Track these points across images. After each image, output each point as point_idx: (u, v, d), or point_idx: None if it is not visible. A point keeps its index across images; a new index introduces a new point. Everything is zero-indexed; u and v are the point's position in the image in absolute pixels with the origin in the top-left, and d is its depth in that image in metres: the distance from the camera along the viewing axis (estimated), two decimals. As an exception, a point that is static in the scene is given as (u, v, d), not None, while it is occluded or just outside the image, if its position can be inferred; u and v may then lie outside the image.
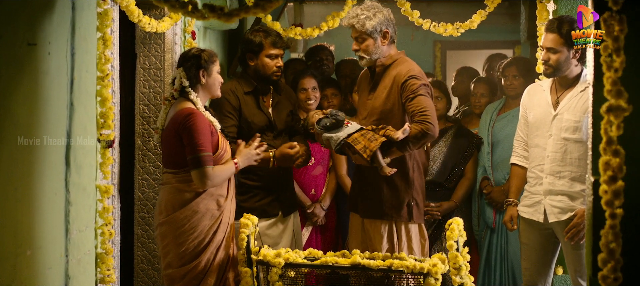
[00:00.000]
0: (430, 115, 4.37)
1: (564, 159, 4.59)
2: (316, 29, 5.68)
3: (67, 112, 3.59)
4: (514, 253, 5.61)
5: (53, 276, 3.47)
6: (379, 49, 4.60)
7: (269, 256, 4.26)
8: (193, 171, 4.17)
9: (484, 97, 6.10)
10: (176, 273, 4.30)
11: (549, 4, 5.30)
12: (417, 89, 4.44)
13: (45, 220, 3.39)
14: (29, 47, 3.19)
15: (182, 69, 4.31)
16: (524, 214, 4.81)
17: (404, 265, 4.14)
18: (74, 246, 3.67)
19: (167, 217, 4.28)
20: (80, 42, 3.69)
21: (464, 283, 4.25)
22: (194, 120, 4.17)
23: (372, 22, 4.54)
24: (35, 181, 3.30)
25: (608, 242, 2.88)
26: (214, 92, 4.43)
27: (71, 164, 3.63)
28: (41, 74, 3.31)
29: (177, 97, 4.33)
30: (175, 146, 4.23)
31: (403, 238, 4.64)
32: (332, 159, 5.71)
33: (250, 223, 4.40)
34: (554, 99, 4.68)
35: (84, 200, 3.81)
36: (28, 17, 3.21)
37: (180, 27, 5.22)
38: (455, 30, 5.54)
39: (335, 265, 4.24)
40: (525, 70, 5.78)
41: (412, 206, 4.62)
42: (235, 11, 3.29)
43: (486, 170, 5.71)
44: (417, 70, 4.58)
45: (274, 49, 4.92)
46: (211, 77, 4.36)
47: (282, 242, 5.05)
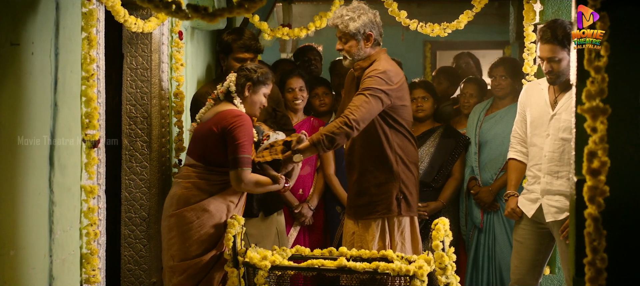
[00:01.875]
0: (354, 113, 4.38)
1: (561, 159, 4.59)
2: (304, 29, 5.67)
3: (51, 113, 3.58)
4: (501, 252, 5.62)
5: (37, 277, 3.45)
6: (361, 51, 4.63)
7: (255, 258, 4.26)
8: (232, 171, 4.29)
9: (473, 98, 6.10)
10: (178, 267, 4.37)
11: (536, 4, 5.31)
12: (365, 88, 4.46)
13: (29, 220, 3.37)
14: (12, 47, 3.18)
15: (236, 75, 4.45)
16: (523, 207, 4.81)
17: (390, 268, 4.14)
18: (58, 246, 3.66)
19: (177, 210, 4.36)
20: (64, 42, 3.68)
21: (450, 283, 4.25)
22: (243, 122, 4.30)
23: (355, 24, 4.55)
24: (19, 181, 3.29)
25: (591, 241, 2.89)
26: (253, 111, 4.52)
27: (55, 165, 3.61)
28: (24, 75, 3.30)
29: (222, 100, 4.48)
30: (212, 143, 4.35)
31: (395, 233, 4.65)
32: (320, 159, 5.71)
33: (237, 223, 4.40)
34: (552, 98, 4.68)
35: (69, 200, 3.80)
36: (11, 17, 3.20)
37: (167, 27, 5.21)
38: (443, 30, 5.54)
39: (322, 267, 4.24)
40: (513, 70, 5.78)
41: (400, 199, 4.64)
42: (219, 11, 3.29)
43: (474, 170, 5.72)
44: (382, 69, 4.55)
45: (241, 53, 4.97)
46: (255, 96, 4.48)
47: (264, 242, 5.07)
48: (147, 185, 5.13)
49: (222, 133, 4.31)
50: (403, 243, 4.67)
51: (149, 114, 5.09)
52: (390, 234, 4.67)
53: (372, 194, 4.65)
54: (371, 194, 4.66)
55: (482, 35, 10.91)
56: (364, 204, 4.68)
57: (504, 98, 5.76)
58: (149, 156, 5.12)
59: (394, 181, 4.64)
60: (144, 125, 5.12)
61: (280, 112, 5.24)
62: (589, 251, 2.89)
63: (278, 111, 5.21)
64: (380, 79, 4.50)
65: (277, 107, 5.22)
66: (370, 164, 4.66)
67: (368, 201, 4.66)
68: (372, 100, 4.44)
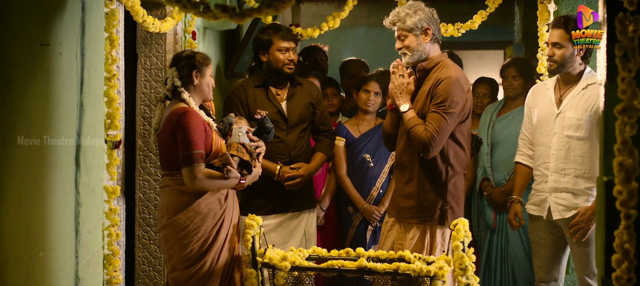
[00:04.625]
0: (436, 139, 4.40)
1: (567, 156, 4.63)
2: (317, 29, 5.66)
3: (77, 113, 3.57)
4: (514, 253, 5.62)
5: (64, 278, 3.44)
6: (421, 46, 4.55)
7: (275, 259, 4.24)
8: (183, 169, 4.14)
9: (486, 97, 6.10)
10: (181, 276, 4.27)
11: (550, 4, 5.32)
12: (441, 105, 4.43)
13: (57, 221, 3.37)
14: (42, 47, 3.17)
15: (175, 69, 4.28)
16: (532, 212, 4.84)
17: (411, 268, 4.14)
18: (83, 247, 3.65)
19: (169, 220, 4.25)
20: (89, 43, 3.68)
21: (470, 283, 4.26)
22: (187, 118, 4.14)
23: (412, 19, 4.52)
24: (48, 182, 3.28)
25: (622, 243, 2.88)
26: (207, 95, 4.39)
27: (81, 165, 3.61)
28: (53, 75, 3.29)
29: (171, 98, 4.31)
30: (171, 148, 4.20)
31: (437, 240, 4.59)
32: (332, 160, 5.71)
33: (255, 224, 4.39)
34: (557, 97, 4.73)
35: (93, 201, 3.79)
36: (40, 17, 3.20)
37: (180, 27, 5.20)
38: (456, 30, 5.55)
39: (342, 268, 4.23)
40: (525, 71, 5.79)
41: (446, 210, 4.58)
42: (248, 11, 3.27)
43: (486, 171, 5.72)
44: (454, 76, 4.49)
45: (284, 43, 5.08)
46: (204, 79, 4.34)
47: (291, 242, 5.07)
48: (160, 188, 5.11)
49: (174, 135, 4.18)
50: (443, 247, 4.61)
51: (163, 114, 5.08)
52: (431, 240, 4.60)
53: (420, 200, 4.59)
54: (419, 199, 4.60)
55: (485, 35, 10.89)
56: (408, 208, 4.63)
57: (516, 98, 5.76)
58: (163, 156, 5.10)
59: (442, 191, 4.57)
60: (158, 126, 5.10)
61: (319, 110, 5.33)
62: (620, 253, 2.89)
63: (317, 109, 5.30)
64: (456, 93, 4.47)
65: (317, 106, 5.31)
66: (421, 170, 4.59)
67: (414, 205, 4.60)
68: (449, 118, 4.44)
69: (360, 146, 5.65)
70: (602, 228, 3.10)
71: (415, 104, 4.59)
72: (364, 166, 5.65)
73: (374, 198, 5.61)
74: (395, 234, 4.72)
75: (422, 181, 4.58)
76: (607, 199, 3.01)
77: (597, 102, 4.51)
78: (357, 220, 5.66)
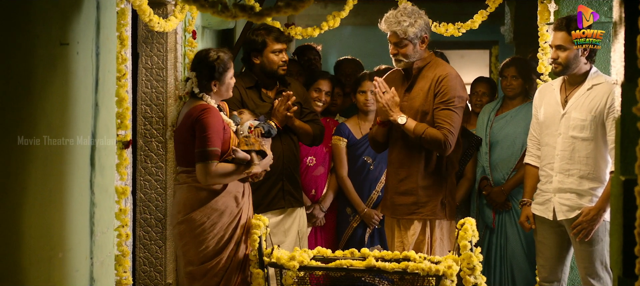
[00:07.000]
0: (453, 134, 4.58)
1: (572, 157, 4.65)
2: (317, 28, 5.64)
3: (93, 113, 3.55)
4: (513, 253, 5.64)
5: (80, 278, 3.42)
6: (417, 54, 4.70)
7: (283, 259, 4.24)
8: (197, 164, 4.21)
9: (485, 96, 6.12)
10: (197, 271, 4.32)
11: (551, 4, 5.34)
12: (450, 101, 4.61)
13: (75, 222, 3.34)
14: (61, 47, 3.14)
15: (195, 74, 4.36)
16: (537, 212, 4.86)
17: (420, 267, 4.15)
18: (98, 248, 3.63)
19: (186, 216, 4.29)
20: (103, 42, 3.65)
21: (478, 283, 4.28)
22: (207, 115, 4.23)
23: (414, 29, 4.64)
24: (67, 183, 3.26)
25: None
26: (227, 95, 4.50)
27: (95, 165, 3.58)
28: (71, 74, 3.27)
29: (190, 98, 4.40)
30: (189, 143, 4.27)
31: (436, 233, 4.72)
32: (333, 160, 5.71)
33: (261, 224, 4.39)
34: (563, 98, 4.75)
35: (106, 202, 3.77)
36: (59, 16, 3.17)
37: (181, 27, 5.18)
38: (456, 30, 5.58)
39: (351, 267, 4.23)
40: (524, 70, 5.81)
41: (445, 203, 4.73)
42: (266, 11, 3.26)
43: (485, 170, 5.74)
44: (454, 73, 4.73)
45: (277, 44, 5.06)
46: (224, 85, 4.42)
47: (287, 240, 5.06)
48: (162, 186, 5.10)
49: (192, 130, 4.26)
50: (442, 239, 4.73)
51: (164, 114, 5.06)
52: (431, 234, 4.71)
53: (419, 196, 4.70)
54: (418, 195, 4.70)
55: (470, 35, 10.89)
56: (408, 204, 4.70)
57: (514, 98, 5.78)
58: (164, 156, 5.08)
59: (442, 185, 4.73)
60: (160, 125, 5.08)
61: (307, 109, 5.28)
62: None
63: (305, 108, 5.25)
64: (458, 87, 4.69)
65: (305, 105, 5.26)
66: (421, 165, 4.70)
67: (413, 201, 4.69)
68: (459, 112, 4.67)
69: (362, 148, 5.64)
70: (619, 228, 3.11)
71: (412, 101, 4.70)
72: (365, 169, 5.65)
73: (373, 201, 5.61)
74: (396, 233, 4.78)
75: (422, 177, 4.71)
76: (625, 198, 3.02)
77: (602, 102, 4.54)
78: (355, 222, 5.66)
